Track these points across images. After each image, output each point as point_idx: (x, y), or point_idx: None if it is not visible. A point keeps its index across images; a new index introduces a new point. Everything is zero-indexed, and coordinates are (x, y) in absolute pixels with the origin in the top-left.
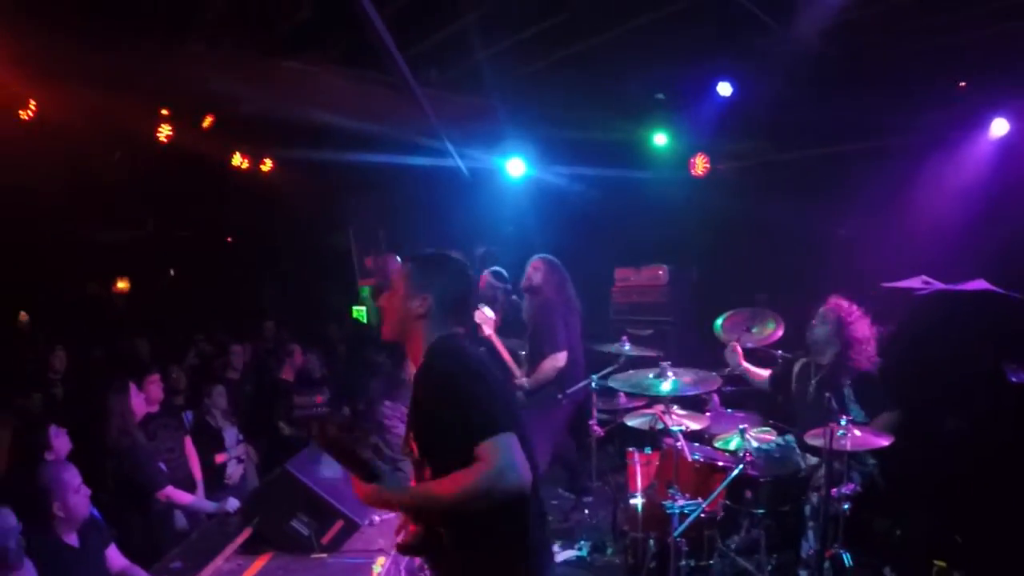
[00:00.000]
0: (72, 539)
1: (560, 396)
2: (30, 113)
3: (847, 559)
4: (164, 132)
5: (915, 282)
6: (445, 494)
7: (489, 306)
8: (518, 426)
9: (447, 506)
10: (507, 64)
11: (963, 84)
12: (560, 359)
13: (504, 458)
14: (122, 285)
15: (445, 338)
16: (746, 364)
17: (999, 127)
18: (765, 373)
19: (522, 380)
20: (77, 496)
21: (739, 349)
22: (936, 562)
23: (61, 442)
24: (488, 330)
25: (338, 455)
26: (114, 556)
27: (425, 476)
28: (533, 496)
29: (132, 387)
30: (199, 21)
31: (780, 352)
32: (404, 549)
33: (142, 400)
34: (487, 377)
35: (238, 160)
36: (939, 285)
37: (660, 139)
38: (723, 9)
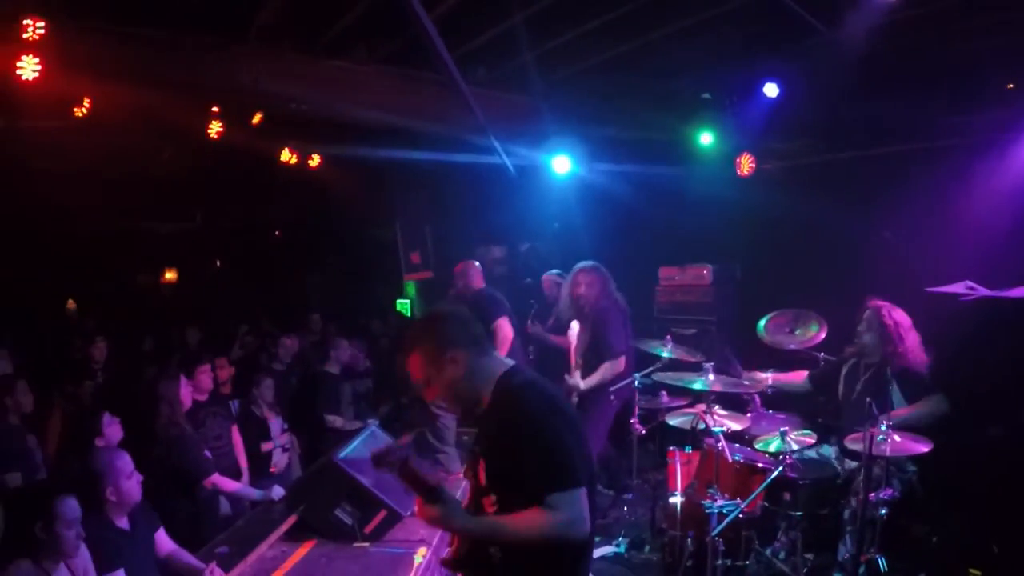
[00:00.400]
0: (123, 523)
1: (612, 396)
2: (84, 110)
3: (883, 564)
4: (215, 128)
5: (959, 287)
6: (513, 535)
7: (552, 305)
8: (590, 473)
9: (510, 543)
10: (554, 63)
11: (1011, 86)
12: (620, 365)
13: (576, 513)
14: (170, 276)
15: (507, 372)
16: (772, 377)
17: None
18: (798, 376)
19: (577, 380)
20: (129, 482)
21: (760, 376)
22: (971, 570)
23: (113, 430)
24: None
25: (413, 486)
26: (162, 540)
27: (483, 504)
28: (591, 519)
29: (181, 376)
30: (252, 22)
31: (823, 354)
32: (451, 564)
33: (190, 389)
34: (565, 415)
35: (287, 155)
36: (984, 291)
37: (706, 138)
38: (770, 10)
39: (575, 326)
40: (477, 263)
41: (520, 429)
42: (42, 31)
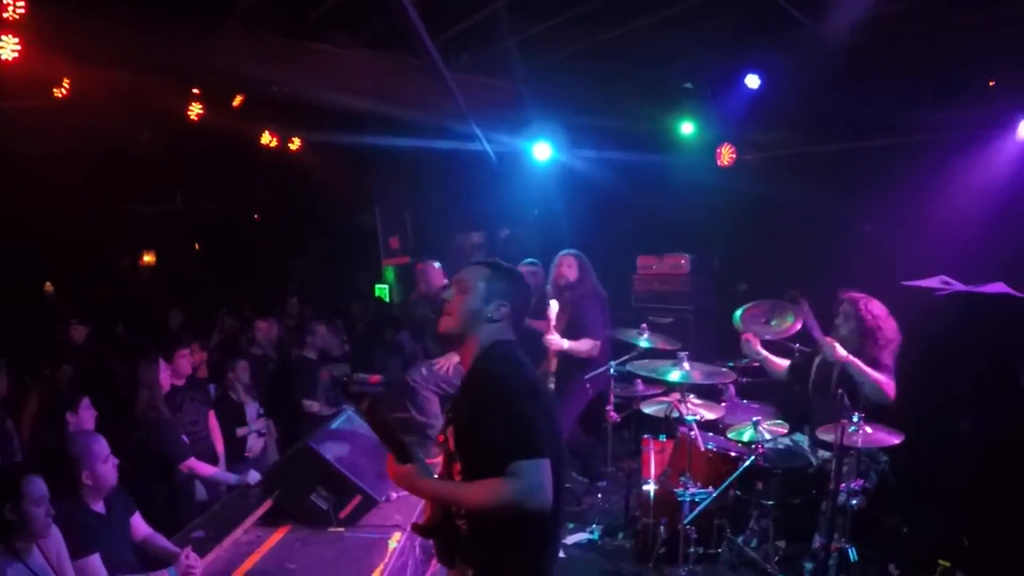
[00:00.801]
0: (99, 507)
1: (587, 384)
2: (64, 91)
3: (853, 554)
4: (195, 111)
5: (934, 282)
6: (472, 499)
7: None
8: (557, 451)
9: (470, 509)
10: (536, 50)
11: (992, 83)
12: (591, 347)
13: (536, 481)
14: (148, 259)
15: (502, 343)
16: (765, 352)
17: None
18: (784, 363)
19: (559, 339)
20: (105, 466)
21: (753, 339)
22: (941, 561)
23: (86, 414)
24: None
25: (381, 433)
26: (138, 524)
27: (454, 469)
28: (557, 497)
29: (160, 360)
30: (234, 4)
31: (798, 345)
32: (420, 530)
33: (169, 373)
34: (540, 395)
35: (267, 139)
36: (958, 286)
37: (687, 128)
38: (753, 2)
39: (554, 305)
40: (436, 263)
41: (489, 396)
42: (22, 10)
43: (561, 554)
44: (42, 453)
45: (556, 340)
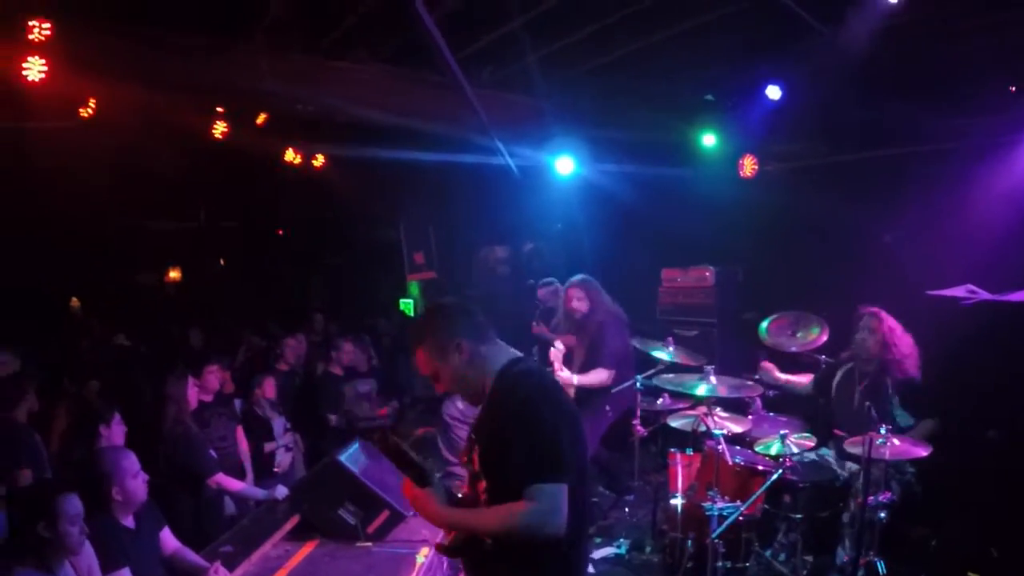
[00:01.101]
0: (129, 522)
1: (607, 409)
2: (89, 111)
3: (881, 567)
4: (219, 129)
5: (960, 291)
6: (487, 525)
7: (554, 315)
8: (581, 468)
9: (486, 533)
10: (557, 65)
11: (1013, 89)
12: (607, 377)
13: (552, 506)
14: (174, 275)
15: (512, 362)
16: (783, 376)
17: None
18: (805, 379)
19: (569, 375)
20: (135, 481)
21: (770, 366)
22: (970, 573)
23: (116, 430)
24: (558, 366)
25: (398, 463)
26: (167, 539)
27: (478, 489)
28: (582, 512)
29: (189, 377)
30: (257, 23)
31: (824, 357)
32: (445, 550)
33: (196, 390)
34: (564, 410)
35: (291, 155)
36: (985, 295)
37: (709, 140)
38: (772, 13)
39: (559, 347)
40: None
41: (512, 416)
42: (48, 32)
43: (590, 569)
44: (72, 468)
45: (565, 377)
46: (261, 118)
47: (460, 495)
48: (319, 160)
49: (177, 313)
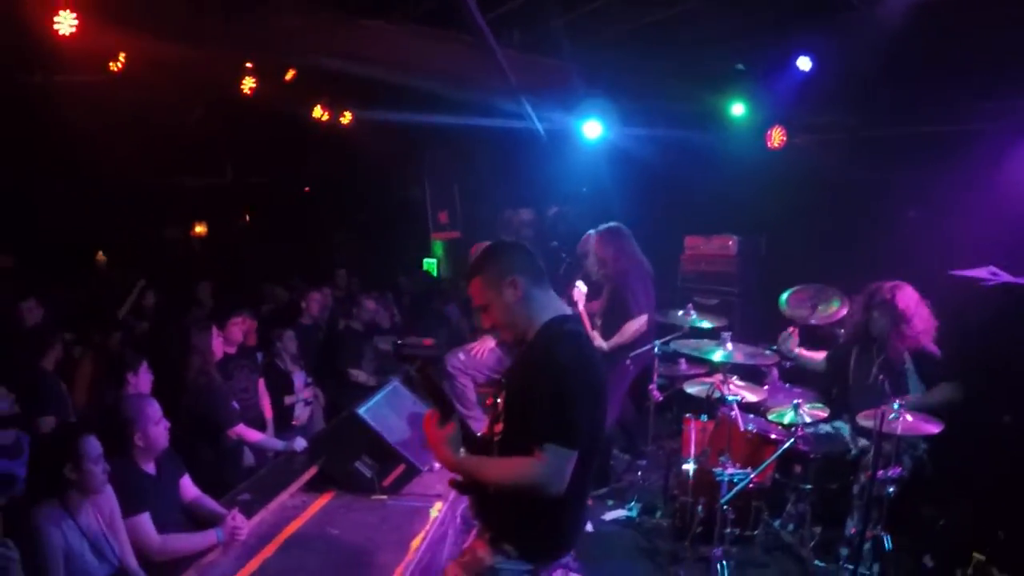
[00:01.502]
0: (150, 468)
1: (628, 361)
2: (119, 65)
3: (888, 542)
4: (248, 84)
5: (983, 272)
6: (493, 476)
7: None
8: (595, 432)
9: (490, 483)
10: (588, 28)
11: None
12: (642, 322)
13: (557, 468)
14: (200, 230)
15: (562, 320)
16: (800, 350)
17: None
18: (820, 355)
19: (600, 343)
20: (157, 428)
21: (796, 334)
22: (976, 554)
23: (144, 378)
24: (581, 306)
25: (431, 393)
26: (187, 486)
27: (495, 430)
28: (585, 478)
29: (213, 328)
30: None
31: (843, 331)
32: (457, 486)
33: (220, 341)
34: (598, 387)
35: (319, 112)
36: (1007, 277)
37: (738, 109)
38: None
39: (581, 287)
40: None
41: (546, 375)
42: None
43: (599, 529)
44: (98, 414)
45: (599, 343)
46: (290, 75)
47: (481, 431)
48: (347, 117)
49: (203, 267)
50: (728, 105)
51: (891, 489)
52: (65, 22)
